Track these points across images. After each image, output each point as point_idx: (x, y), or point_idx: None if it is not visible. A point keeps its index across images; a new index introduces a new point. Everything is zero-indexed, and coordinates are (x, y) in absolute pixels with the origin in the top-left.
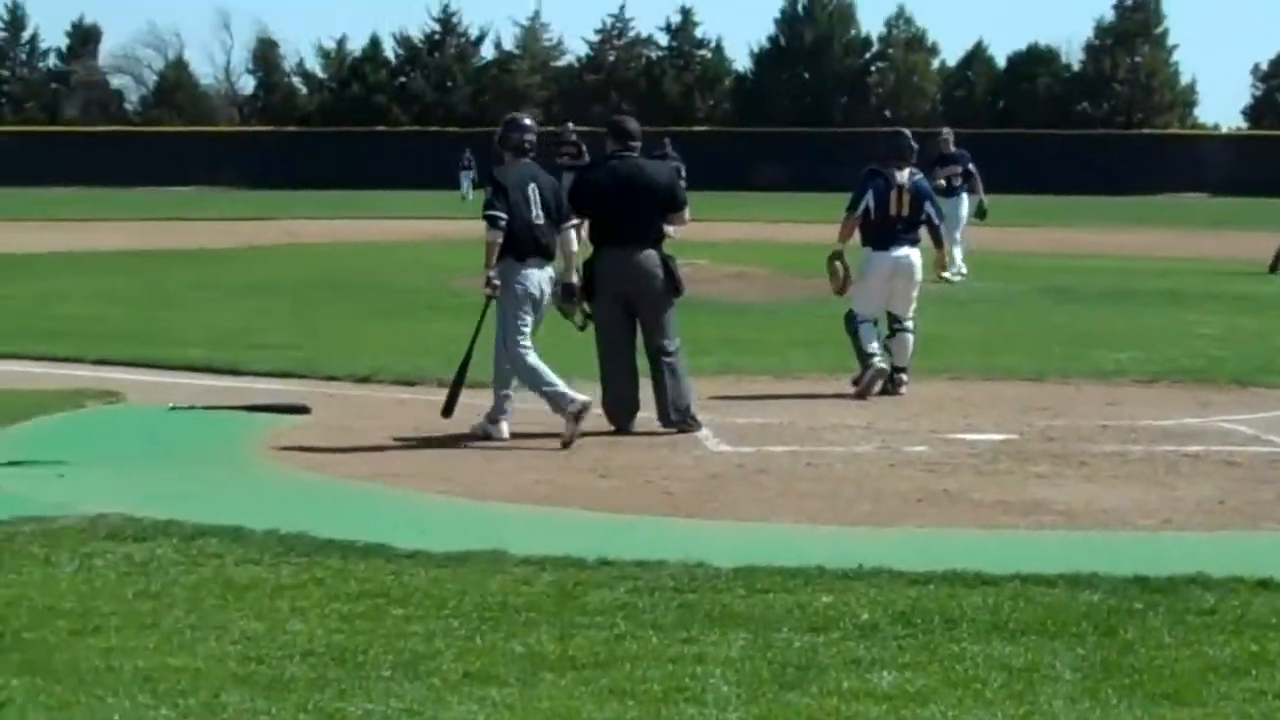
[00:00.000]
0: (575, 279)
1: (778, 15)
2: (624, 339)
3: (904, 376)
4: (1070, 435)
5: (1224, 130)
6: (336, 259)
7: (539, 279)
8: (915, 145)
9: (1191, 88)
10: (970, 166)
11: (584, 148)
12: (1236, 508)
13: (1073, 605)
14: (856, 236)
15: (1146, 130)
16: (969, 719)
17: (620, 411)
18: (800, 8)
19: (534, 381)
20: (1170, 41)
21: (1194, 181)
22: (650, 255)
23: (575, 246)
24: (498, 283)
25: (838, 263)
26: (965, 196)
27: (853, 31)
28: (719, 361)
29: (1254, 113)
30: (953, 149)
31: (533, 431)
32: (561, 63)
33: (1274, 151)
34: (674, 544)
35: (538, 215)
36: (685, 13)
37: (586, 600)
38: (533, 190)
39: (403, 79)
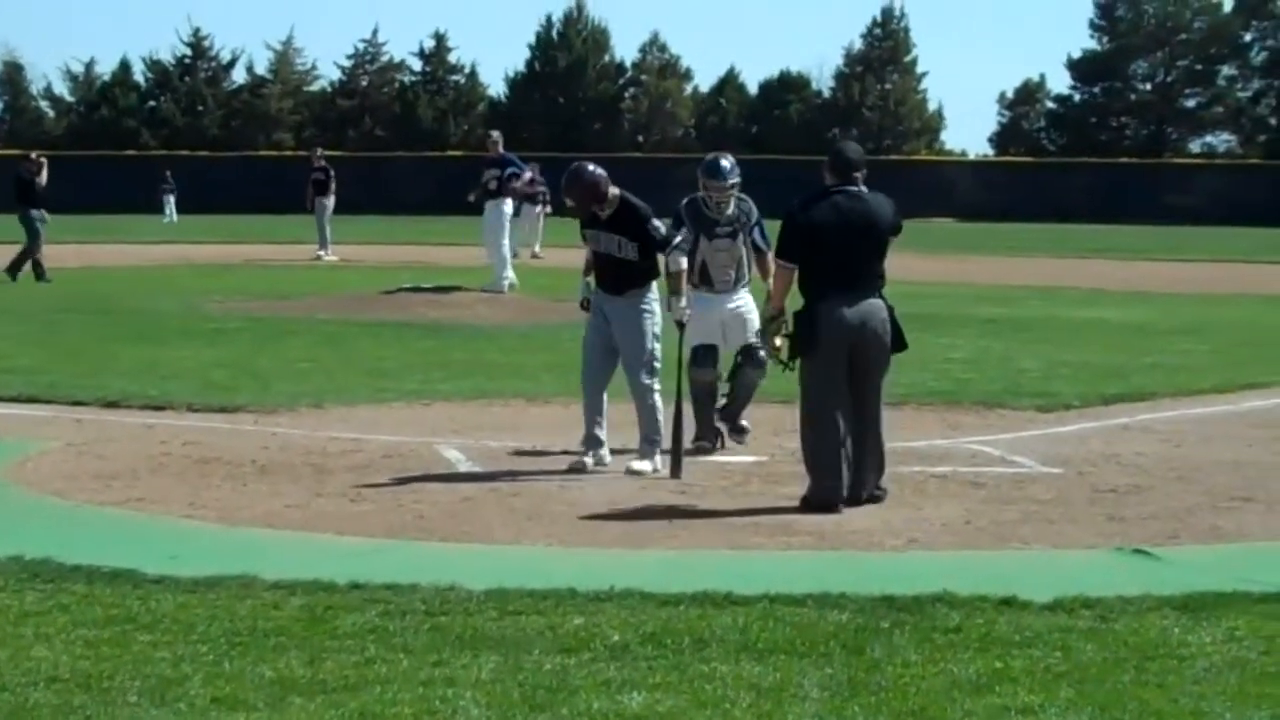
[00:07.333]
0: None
1: (532, 41)
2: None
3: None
4: None
5: (971, 157)
6: (85, 283)
7: None
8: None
9: (939, 115)
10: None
11: (332, 172)
12: (982, 528)
13: (821, 625)
14: None
15: (895, 156)
16: None
17: (838, 486)
18: (555, 33)
19: None
20: (919, 69)
21: (942, 207)
22: (878, 304)
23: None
24: None
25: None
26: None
27: (607, 57)
28: (472, 386)
29: (999, 140)
30: (501, 152)
31: (286, 460)
32: (314, 87)
33: (1019, 178)
34: (425, 567)
35: None
36: (439, 38)
37: (337, 624)
38: None
39: (153, 103)
